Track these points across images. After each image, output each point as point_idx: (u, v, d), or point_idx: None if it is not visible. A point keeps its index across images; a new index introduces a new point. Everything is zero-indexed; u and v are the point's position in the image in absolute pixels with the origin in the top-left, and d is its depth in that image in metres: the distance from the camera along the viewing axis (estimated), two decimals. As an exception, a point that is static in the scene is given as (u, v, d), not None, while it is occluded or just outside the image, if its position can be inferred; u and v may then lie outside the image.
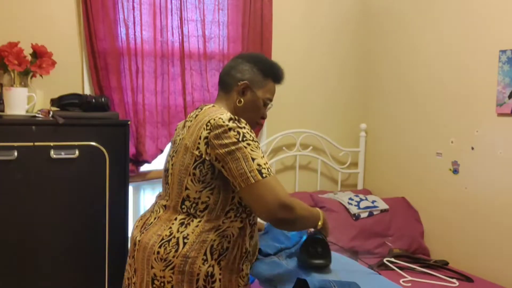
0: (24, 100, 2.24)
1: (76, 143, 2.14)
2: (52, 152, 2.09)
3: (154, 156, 2.76)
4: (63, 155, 2.11)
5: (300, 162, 3.22)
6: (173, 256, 1.40)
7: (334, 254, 1.63)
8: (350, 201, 2.87)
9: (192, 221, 1.43)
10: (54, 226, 2.13)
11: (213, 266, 1.41)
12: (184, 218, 1.44)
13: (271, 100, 1.60)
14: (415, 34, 2.98)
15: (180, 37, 2.79)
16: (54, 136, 2.11)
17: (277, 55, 3.06)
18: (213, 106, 1.53)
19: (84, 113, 2.26)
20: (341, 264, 1.63)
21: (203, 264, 1.40)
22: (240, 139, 1.35)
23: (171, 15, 2.77)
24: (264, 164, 1.35)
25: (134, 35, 2.69)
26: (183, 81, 2.81)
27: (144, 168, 2.80)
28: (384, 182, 3.25)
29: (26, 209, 2.07)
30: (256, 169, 1.33)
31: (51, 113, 2.19)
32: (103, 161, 2.19)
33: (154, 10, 2.73)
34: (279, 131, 3.11)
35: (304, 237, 1.59)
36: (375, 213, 2.85)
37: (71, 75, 2.63)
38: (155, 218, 1.51)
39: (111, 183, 2.21)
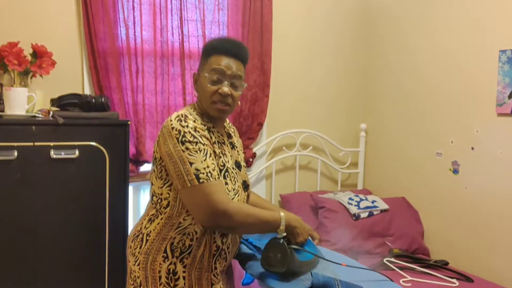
0: (24, 100, 2.24)
1: (76, 143, 2.14)
2: (52, 152, 2.09)
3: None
4: (63, 155, 2.11)
5: (300, 162, 3.22)
6: (139, 253, 1.46)
7: (336, 255, 1.60)
8: (350, 201, 2.87)
9: (157, 217, 1.47)
10: (54, 226, 2.13)
11: (175, 264, 1.43)
12: (153, 214, 1.48)
13: (216, 70, 1.45)
14: (415, 35, 2.98)
15: (180, 37, 2.79)
16: (54, 136, 2.11)
17: (277, 55, 3.06)
18: (187, 106, 1.56)
19: (84, 113, 2.25)
20: (353, 270, 1.58)
21: (164, 261, 1.43)
22: (180, 140, 1.36)
23: (171, 15, 2.77)
24: (204, 168, 1.35)
25: (134, 35, 2.69)
26: (183, 81, 2.81)
27: (144, 168, 2.80)
28: (384, 182, 3.24)
29: (26, 209, 2.07)
30: (194, 173, 1.34)
31: (51, 113, 2.19)
32: (103, 161, 2.19)
33: (154, 10, 2.73)
34: (279, 131, 3.11)
35: (265, 241, 1.48)
36: (375, 213, 2.85)
37: (71, 75, 2.63)
38: (143, 214, 1.58)
39: (111, 183, 2.21)
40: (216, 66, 1.46)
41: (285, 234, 1.43)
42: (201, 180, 1.33)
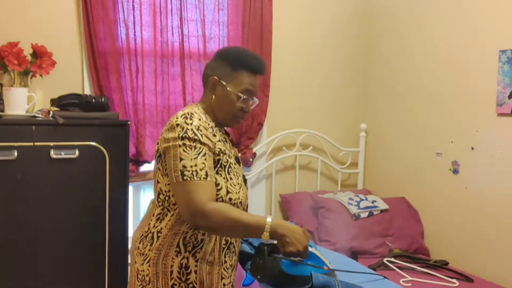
0: (24, 100, 2.24)
1: (76, 143, 2.14)
2: (52, 152, 2.09)
3: (154, 156, 2.77)
4: (63, 155, 2.11)
5: (300, 162, 3.21)
6: (149, 250, 1.46)
7: (336, 255, 1.61)
8: (350, 201, 2.87)
9: (166, 215, 1.47)
10: (54, 226, 2.13)
11: (187, 258, 1.44)
12: (160, 213, 1.49)
13: (248, 91, 1.51)
14: (415, 35, 2.98)
15: (180, 37, 2.79)
16: (54, 136, 2.11)
17: (277, 55, 3.06)
18: (191, 105, 1.57)
19: (84, 113, 2.26)
20: (345, 266, 1.59)
21: (176, 256, 1.44)
22: (181, 136, 1.38)
23: (171, 15, 2.77)
24: (191, 166, 1.36)
25: (134, 35, 2.69)
26: (183, 81, 2.81)
27: (144, 168, 2.80)
28: (384, 182, 3.24)
29: (26, 209, 2.08)
30: (180, 170, 1.36)
31: (51, 113, 2.19)
32: (103, 161, 2.19)
33: (154, 10, 2.73)
34: (279, 131, 3.11)
35: (257, 244, 1.46)
36: (375, 213, 2.85)
37: (71, 75, 2.64)
38: (145, 215, 1.58)
39: (111, 183, 2.21)
40: (250, 87, 1.51)
41: (275, 242, 1.37)
42: (185, 178, 1.35)
